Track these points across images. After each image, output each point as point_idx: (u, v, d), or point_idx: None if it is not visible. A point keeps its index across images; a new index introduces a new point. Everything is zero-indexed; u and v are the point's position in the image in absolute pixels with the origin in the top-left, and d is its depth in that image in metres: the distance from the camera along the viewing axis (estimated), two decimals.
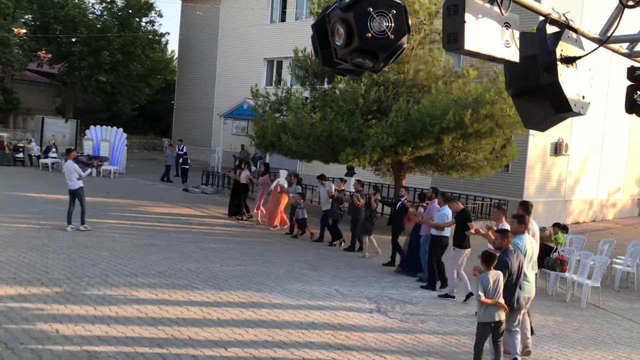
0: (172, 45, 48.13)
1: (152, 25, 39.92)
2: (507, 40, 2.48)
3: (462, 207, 10.23)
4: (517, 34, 2.57)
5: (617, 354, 7.99)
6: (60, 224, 12.74)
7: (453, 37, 2.45)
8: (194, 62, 36.04)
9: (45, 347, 5.89)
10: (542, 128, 3.08)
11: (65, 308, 7.19)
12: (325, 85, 17.16)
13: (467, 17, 2.40)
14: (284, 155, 17.00)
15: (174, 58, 45.69)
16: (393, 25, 2.43)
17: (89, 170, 14.98)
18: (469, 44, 2.41)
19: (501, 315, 6.39)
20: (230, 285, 9.14)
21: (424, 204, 11.59)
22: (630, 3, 2.55)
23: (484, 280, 6.35)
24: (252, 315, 7.74)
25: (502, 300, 6.38)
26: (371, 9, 2.40)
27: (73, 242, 11.13)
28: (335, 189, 14.26)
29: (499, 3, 2.52)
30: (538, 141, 20.03)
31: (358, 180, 14.47)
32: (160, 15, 39.98)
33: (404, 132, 13.50)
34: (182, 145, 27.39)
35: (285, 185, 15.82)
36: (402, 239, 12.31)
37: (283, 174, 16.63)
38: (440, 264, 10.56)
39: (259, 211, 16.54)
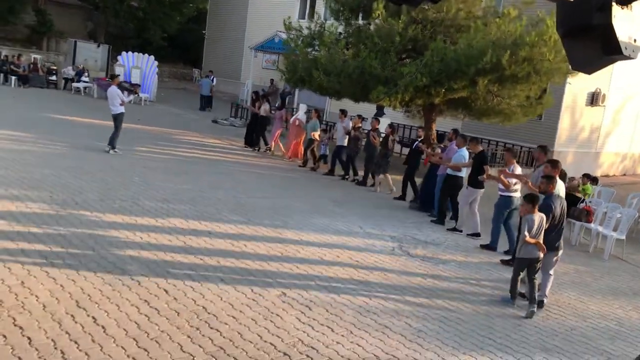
0: None
1: None
2: None
3: (481, 148, 10.62)
4: None
5: (636, 305, 8.06)
6: (92, 146, 13.03)
7: None
8: None
9: (81, 266, 6.16)
10: (589, 70, 3.01)
11: (99, 227, 7.46)
12: (360, 21, 16.80)
13: None
14: (314, 91, 16.88)
15: None
16: None
17: (131, 96, 15.24)
18: None
19: (540, 254, 6.89)
20: (257, 216, 9.34)
21: (442, 145, 12.05)
22: None
23: (530, 221, 6.80)
24: (276, 247, 7.94)
25: (541, 240, 6.84)
26: None
27: (106, 165, 11.40)
28: (352, 127, 14.32)
29: None
30: (575, 90, 19.49)
31: (376, 118, 14.55)
32: None
33: (438, 73, 13.24)
34: (212, 77, 27.32)
35: (304, 120, 15.98)
36: (417, 180, 12.62)
37: (302, 108, 16.85)
38: (455, 202, 10.93)
39: (275, 144, 16.82)
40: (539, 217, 6.87)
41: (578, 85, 19.30)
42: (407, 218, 11.13)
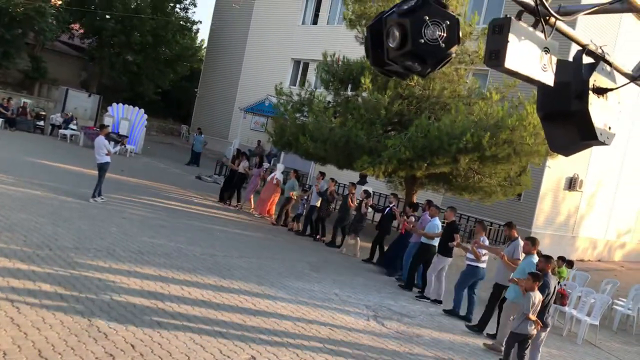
0: (203, 35, 48.57)
1: (186, 12, 40.38)
2: (545, 65, 2.58)
3: (454, 218, 11.31)
4: (554, 59, 2.69)
5: None
6: (73, 193, 12.95)
7: (495, 55, 2.57)
8: (222, 54, 36.35)
9: (48, 312, 6.02)
10: (567, 153, 3.19)
11: (70, 275, 7.33)
12: (349, 92, 17.31)
13: (511, 37, 2.53)
14: (300, 155, 17.15)
15: (203, 47, 46.13)
16: (445, 35, 2.59)
17: (117, 147, 15.34)
18: (509, 63, 2.54)
19: (533, 331, 7.35)
20: (232, 275, 9.25)
21: (414, 214, 12.76)
22: None
23: (532, 297, 7.27)
24: (252, 306, 7.84)
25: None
26: (427, 18, 2.56)
27: (84, 214, 11.30)
28: (326, 189, 14.84)
29: (543, 28, 2.63)
30: (553, 174, 20.02)
31: (352, 184, 15.12)
32: (195, 5, 40.54)
33: (421, 148, 13.57)
34: (202, 135, 27.63)
35: (281, 179, 16.46)
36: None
37: (280, 167, 17.30)
38: (426, 270, 11.27)
39: (250, 201, 17.07)
40: (539, 295, 7.37)
41: (556, 169, 19.86)
42: (384, 287, 11.09)
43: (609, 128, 2.88)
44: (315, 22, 30.97)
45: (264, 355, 6.25)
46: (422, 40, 2.52)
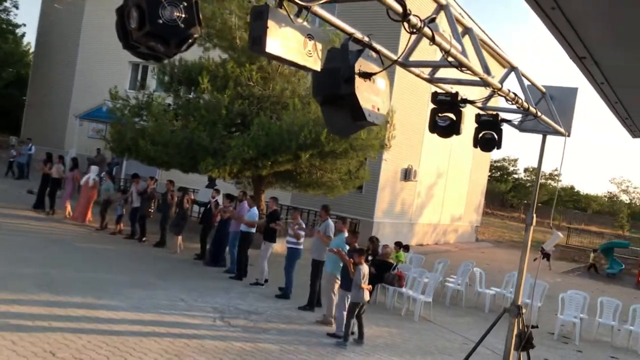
0: (29, 38, 44.72)
1: (7, 15, 36.95)
2: (310, 50, 2.77)
3: (275, 208, 12.45)
4: (319, 45, 2.89)
5: None
6: None
7: (257, 41, 2.70)
8: (52, 58, 33.67)
9: None
10: (344, 134, 3.49)
11: None
12: (191, 95, 17.02)
13: (270, 23, 2.68)
14: (141, 161, 16.51)
15: (30, 51, 42.44)
16: (184, 16, 2.64)
17: None
18: (270, 48, 2.68)
19: (367, 297, 8.74)
20: (68, 291, 8.66)
21: (230, 204, 13.27)
22: (410, 30, 2.98)
23: (362, 270, 8.58)
24: (87, 322, 7.41)
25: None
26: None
27: None
28: (146, 188, 14.98)
29: (305, 15, 2.83)
30: (390, 166, 21.37)
31: (170, 181, 15.34)
32: (16, 7, 37.25)
33: (264, 146, 13.76)
34: (30, 145, 25.45)
35: (97, 181, 16.47)
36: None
37: (94, 169, 16.91)
38: (246, 256, 12.20)
39: (67, 206, 16.45)
40: (366, 267, 8.76)
41: (393, 162, 21.25)
42: (232, 288, 11.08)
43: (377, 109, 3.17)
44: None
45: None
46: (161, 21, 2.57)
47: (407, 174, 22.79)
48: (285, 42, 2.70)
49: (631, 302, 13.49)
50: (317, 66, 2.89)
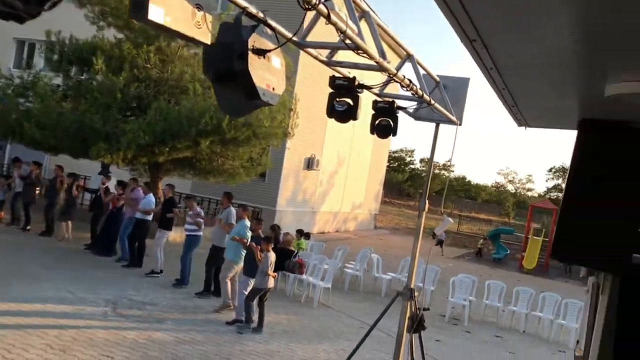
0: None
1: None
2: (199, 22, 2.62)
3: (171, 195, 12.25)
4: (209, 17, 2.75)
5: (336, 347, 8.87)
6: None
7: (138, 7, 2.50)
8: None
9: None
10: (237, 114, 3.35)
11: None
12: (83, 75, 16.03)
13: None
14: (26, 145, 15.35)
15: None
16: None
17: None
18: (153, 16, 2.48)
19: (271, 284, 8.77)
20: None
21: (123, 191, 12.95)
22: (305, 6, 2.92)
23: (269, 258, 8.63)
24: None
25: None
26: None
27: None
28: (29, 173, 14.37)
29: None
30: (293, 155, 21.40)
31: (59, 166, 14.69)
32: None
33: (161, 132, 13.24)
34: None
35: None
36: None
37: None
38: (143, 245, 11.91)
39: None
40: (273, 255, 8.81)
41: (296, 150, 21.30)
42: (125, 279, 10.60)
43: (273, 89, 3.09)
44: None
45: None
46: None
47: (310, 163, 22.94)
48: (171, 10, 2.52)
49: (515, 285, 14.45)
50: (206, 39, 2.74)
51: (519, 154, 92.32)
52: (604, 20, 2.19)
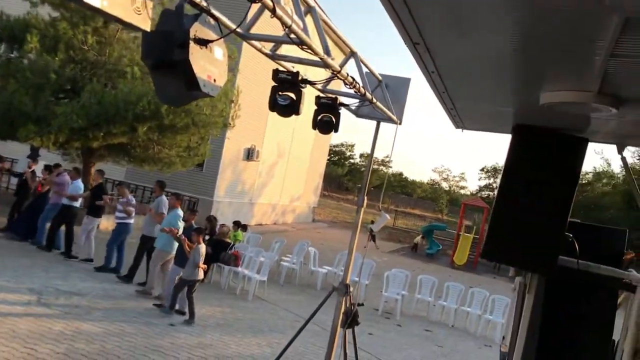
0: None
1: None
2: (138, 7, 2.54)
3: (100, 181, 12.06)
4: (150, 3, 2.67)
5: (270, 340, 8.86)
6: None
7: None
8: None
9: None
10: (176, 103, 3.28)
11: None
12: (14, 54, 15.22)
13: None
14: None
15: None
16: None
17: None
18: None
19: (201, 276, 8.79)
20: None
21: (47, 175, 12.41)
22: None
23: (200, 249, 8.61)
24: None
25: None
26: None
27: None
28: None
29: None
30: (233, 145, 21.17)
31: None
32: None
33: (96, 115, 12.80)
34: None
35: None
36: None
37: None
38: (70, 231, 11.39)
39: None
40: (203, 247, 8.76)
41: (236, 141, 21.06)
42: (52, 267, 10.18)
43: (214, 80, 3.04)
44: None
45: None
46: None
47: (250, 154, 22.75)
48: None
49: (446, 280, 14.86)
50: (146, 25, 2.64)
51: (454, 153, 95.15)
52: (538, 30, 2.27)
